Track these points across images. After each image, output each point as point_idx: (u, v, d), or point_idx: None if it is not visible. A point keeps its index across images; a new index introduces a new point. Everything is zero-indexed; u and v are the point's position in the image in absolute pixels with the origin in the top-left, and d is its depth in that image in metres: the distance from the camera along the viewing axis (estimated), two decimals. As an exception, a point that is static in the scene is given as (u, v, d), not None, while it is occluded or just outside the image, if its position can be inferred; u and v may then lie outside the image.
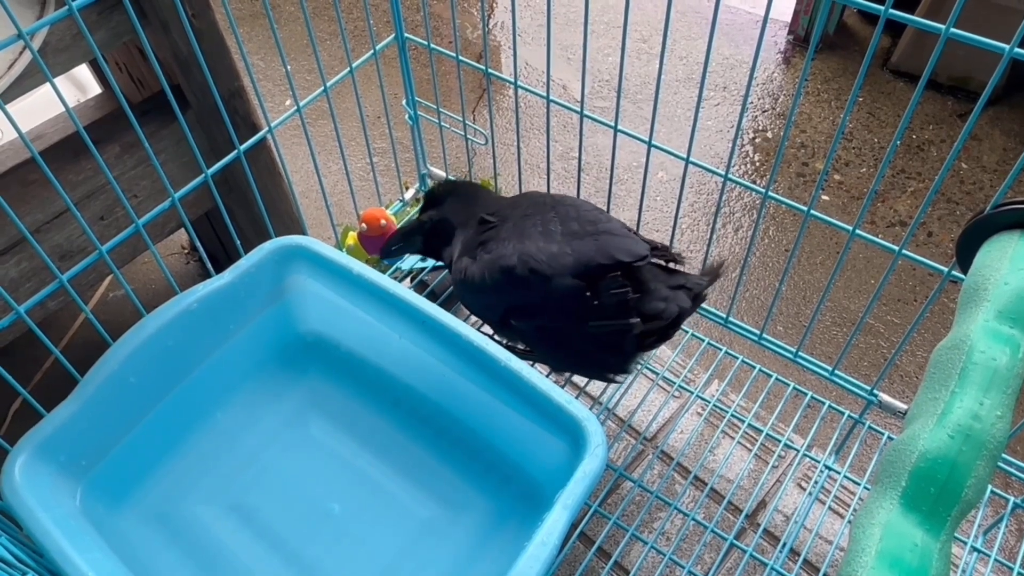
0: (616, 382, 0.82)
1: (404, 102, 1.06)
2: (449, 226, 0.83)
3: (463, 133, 0.99)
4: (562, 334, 0.75)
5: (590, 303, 0.71)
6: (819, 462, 0.90)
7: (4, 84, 0.69)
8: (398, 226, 0.89)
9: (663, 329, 0.72)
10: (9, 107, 0.58)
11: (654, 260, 0.75)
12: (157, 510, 0.73)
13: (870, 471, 0.90)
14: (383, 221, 0.90)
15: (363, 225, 0.91)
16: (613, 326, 0.72)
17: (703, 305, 0.93)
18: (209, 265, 0.84)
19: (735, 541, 0.84)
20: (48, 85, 0.61)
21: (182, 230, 1.29)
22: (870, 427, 0.91)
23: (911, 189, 1.70)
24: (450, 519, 0.74)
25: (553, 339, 0.76)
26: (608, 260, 0.71)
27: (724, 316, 0.94)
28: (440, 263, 0.97)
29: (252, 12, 2.19)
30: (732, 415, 0.93)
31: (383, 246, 0.88)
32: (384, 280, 0.76)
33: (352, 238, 0.94)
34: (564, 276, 0.71)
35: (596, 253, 0.72)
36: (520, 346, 0.81)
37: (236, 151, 0.80)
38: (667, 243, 0.79)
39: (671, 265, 0.76)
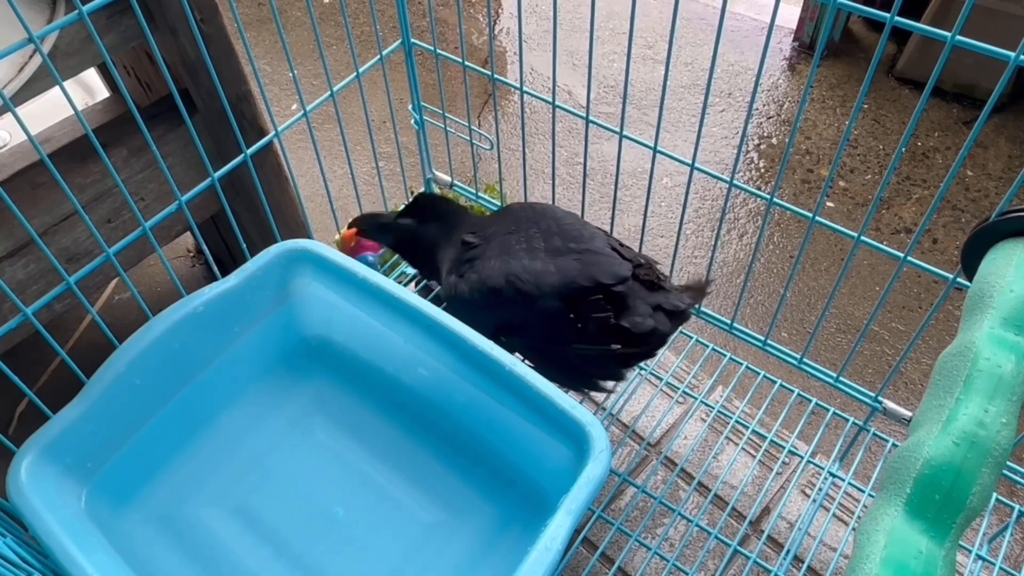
0: (607, 391, 0.82)
1: (410, 107, 1.06)
2: (423, 242, 0.85)
3: (469, 138, 1.00)
4: (547, 352, 0.76)
5: (574, 325, 0.72)
6: (823, 469, 0.90)
7: (14, 87, 0.69)
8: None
9: (645, 348, 0.73)
10: (18, 110, 0.59)
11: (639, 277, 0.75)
12: (162, 512, 0.73)
13: (874, 478, 0.89)
14: (353, 243, 0.96)
15: (342, 234, 0.95)
16: (595, 350, 0.72)
17: (708, 311, 0.93)
18: (215, 268, 0.84)
19: (739, 547, 0.83)
20: (56, 89, 0.62)
21: (188, 233, 1.30)
22: (875, 434, 0.90)
23: (916, 196, 1.70)
24: (454, 524, 0.74)
25: (540, 356, 0.77)
26: (590, 283, 0.71)
27: (728, 322, 0.94)
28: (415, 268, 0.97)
29: (259, 17, 2.20)
30: (736, 421, 0.93)
31: (351, 224, 0.91)
32: (389, 284, 0.76)
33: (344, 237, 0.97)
34: (549, 298, 0.72)
35: (578, 275, 0.72)
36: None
37: (243, 155, 0.80)
38: (674, 247, 0.79)
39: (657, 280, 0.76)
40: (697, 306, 0.91)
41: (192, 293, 0.76)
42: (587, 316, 0.71)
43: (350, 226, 0.91)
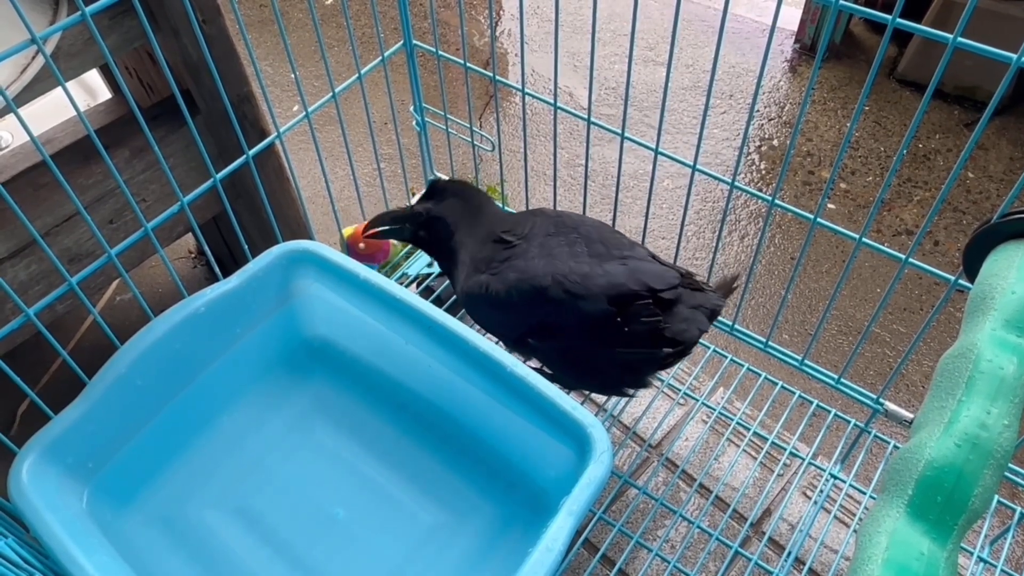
0: (631, 395, 0.82)
1: (411, 108, 1.06)
2: (445, 227, 0.81)
3: (470, 140, 1.00)
4: (583, 356, 0.75)
5: (620, 329, 0.71)
6: (824, 471, 0.90)
7: (16, 88, 0.69)
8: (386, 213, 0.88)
9: (682, 349, 0.73)
10: (20, 111, 0.59)
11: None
12: (162, 513, 0.73)
13: (876, 480, 0.89)
14: (361, 245, 0.95)
15: (348, 231, 0.94)
16: (643, 354, 0.72)
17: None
18: (216, 269, 0.84)
19: (740, 549, 0.83)
20: (58, 89, 0.62)
21: (189, 234, 1.30)
22: (876, 436, 0.90)
23: (917, 198, 1.70)
24: (455, 525, 0.74)
25: (572, 360, 0.76)
26: (641, 287, 0.71)
27: (730, 324, 0.94)
28: (431, 259, 0.94)
29: (261, 18, 2.21)
30: (737, 423, 0.93)
31: (366, 226, 0.86)
32: (390, 285, 0.76)
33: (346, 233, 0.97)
34: (597, 300, 0.71)
35: (628, 279, 0.71)
36: (534, 364, 0.81)
37: (245, 156, 0.80)
38: (675, 249, 0.79)
39: (673, 258, 0.77)
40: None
41: (193, 294, 0.76)
42: (635, 320, 0.71)
43: (366, 228, 0.86)
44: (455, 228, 0.81)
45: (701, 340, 0.99)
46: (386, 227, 0.85)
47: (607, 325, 0.71)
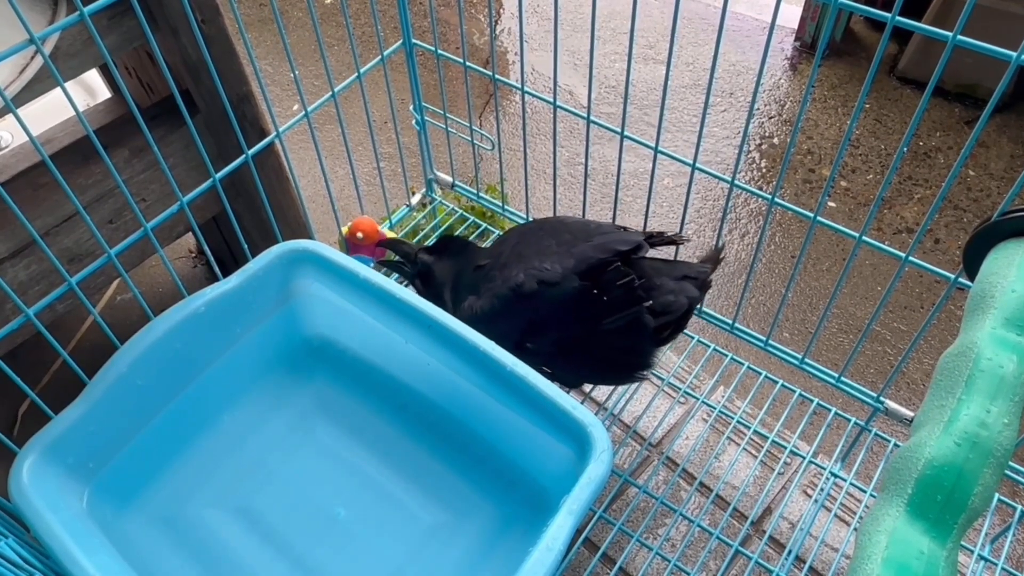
0: (642, 379, 0.83)
1: (411, 107, 1.06)
2: (431, 277, 0.88)
3: (470, 139, 1.00)
4: (580, 343, 0.76)
5: (600, 301, 0.73)
6: (825, 469, 0.90)
7: (16, 88, 0.69)
8: (393, 238, 0.96)
9: (677, 320, 0.74)
10: (20, 111, 0.59)
11: (650, 256, 0.76)
12: (163, 513, 0.73)
13: (876, 478, 0.89)
14: (360, 234, 0.96)
15: (348, 226, 0.96)
16: (627, 316, 0.73)
17: (709, 311, 0.94)
18: (216, 269, 0.84)
19: (740, 548, 0.83)
20: (57, 89, 0.62)
21: (189, 234, 1.30)
22: (876, 434, 0.90)
23: (918, 196, 1.70)
24: (455, 524, 0.74)
25: (572, 351, 0.77)
26: (606, 253, 0.73)
27: (730, 322, 0.94)
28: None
29: (260, 18, 2.21)
30: (738, 421, 0.93)
31: (379, 241, 0.94)
32: (390, 285, 0.76)
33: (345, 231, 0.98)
34: (570, 279, 0.73)
35: (593, 251, 0.74)
36: (546, 369, 0.81)
37: (244, 155, 0.80)
38: (661, 253, 0.80)
39: (673, 255, 0.78)
40: (700, 307, 0.92)
41: (194, 294, 0.76)
42: (611, 287, 0.73)
43: (379, 243, 0.94)
44: (443, 281, 0.86)
45: (701, 339, 0.99)
46: (393, 256, 0.92)
47: (587, 301, 0.73)
